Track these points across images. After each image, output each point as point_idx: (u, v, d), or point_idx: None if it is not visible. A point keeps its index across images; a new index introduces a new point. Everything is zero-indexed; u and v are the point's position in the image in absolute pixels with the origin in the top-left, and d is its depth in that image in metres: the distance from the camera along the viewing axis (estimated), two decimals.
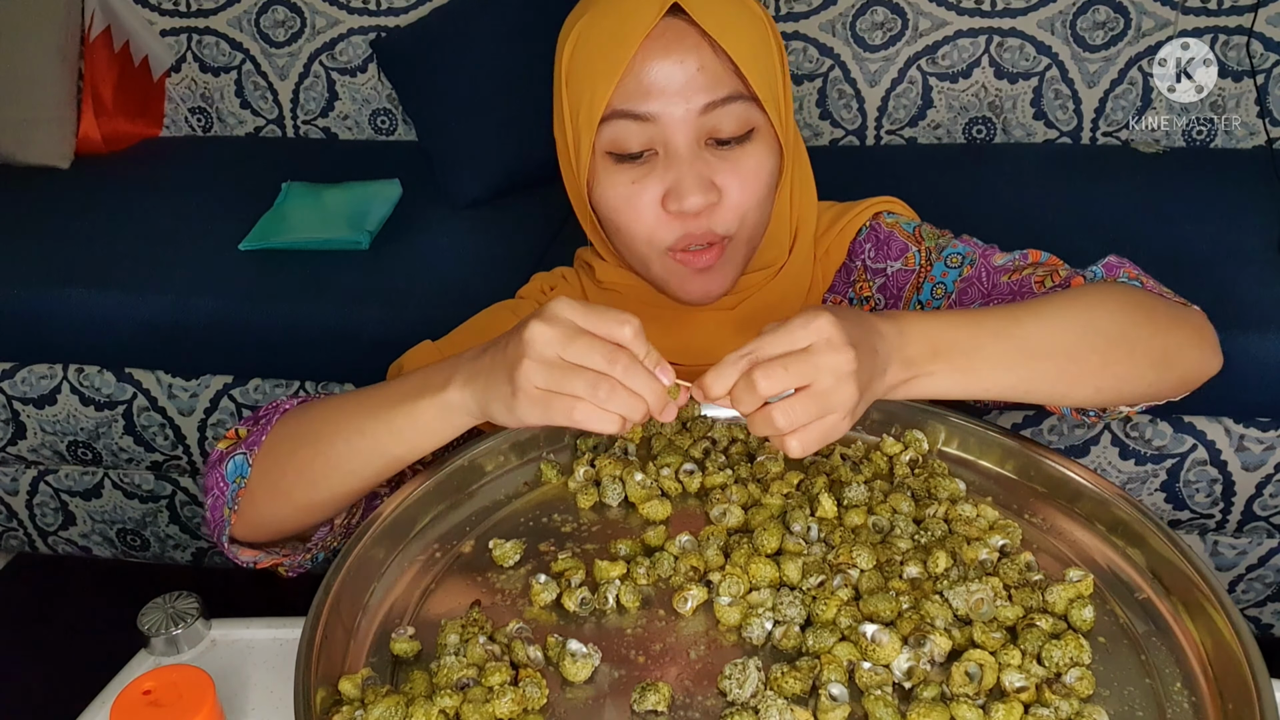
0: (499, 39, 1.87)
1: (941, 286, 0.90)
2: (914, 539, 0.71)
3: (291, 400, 0.80)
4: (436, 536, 0.74)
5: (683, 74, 0.79)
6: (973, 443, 0.80)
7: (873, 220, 0.96)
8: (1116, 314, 0.74)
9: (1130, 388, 0.76)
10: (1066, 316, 0.73)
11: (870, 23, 1.90)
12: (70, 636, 1.84)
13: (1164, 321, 0.77)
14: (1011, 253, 0.89)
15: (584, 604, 0.67)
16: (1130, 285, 0.79)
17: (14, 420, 1.79)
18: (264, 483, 0.75)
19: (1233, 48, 1.79)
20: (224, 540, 0.79)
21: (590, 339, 0.61)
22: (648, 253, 0.85)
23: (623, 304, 0.91)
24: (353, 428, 0.72)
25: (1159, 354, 0.76)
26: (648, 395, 0.61)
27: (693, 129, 0.80)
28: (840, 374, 0.60)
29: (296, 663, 0.60)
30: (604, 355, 0.61)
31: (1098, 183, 1.78)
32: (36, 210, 1.94)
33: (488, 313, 0.97)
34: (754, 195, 0.83)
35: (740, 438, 0.82)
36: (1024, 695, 0.59)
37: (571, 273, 0.99)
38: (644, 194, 0.82)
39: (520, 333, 0.62)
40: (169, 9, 2.13)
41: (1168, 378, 0.78)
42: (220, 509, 0.77)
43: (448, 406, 0.67)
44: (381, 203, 1.83)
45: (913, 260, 0.92)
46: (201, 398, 1.72)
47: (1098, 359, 0.73)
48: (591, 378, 0.60)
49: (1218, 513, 1.54)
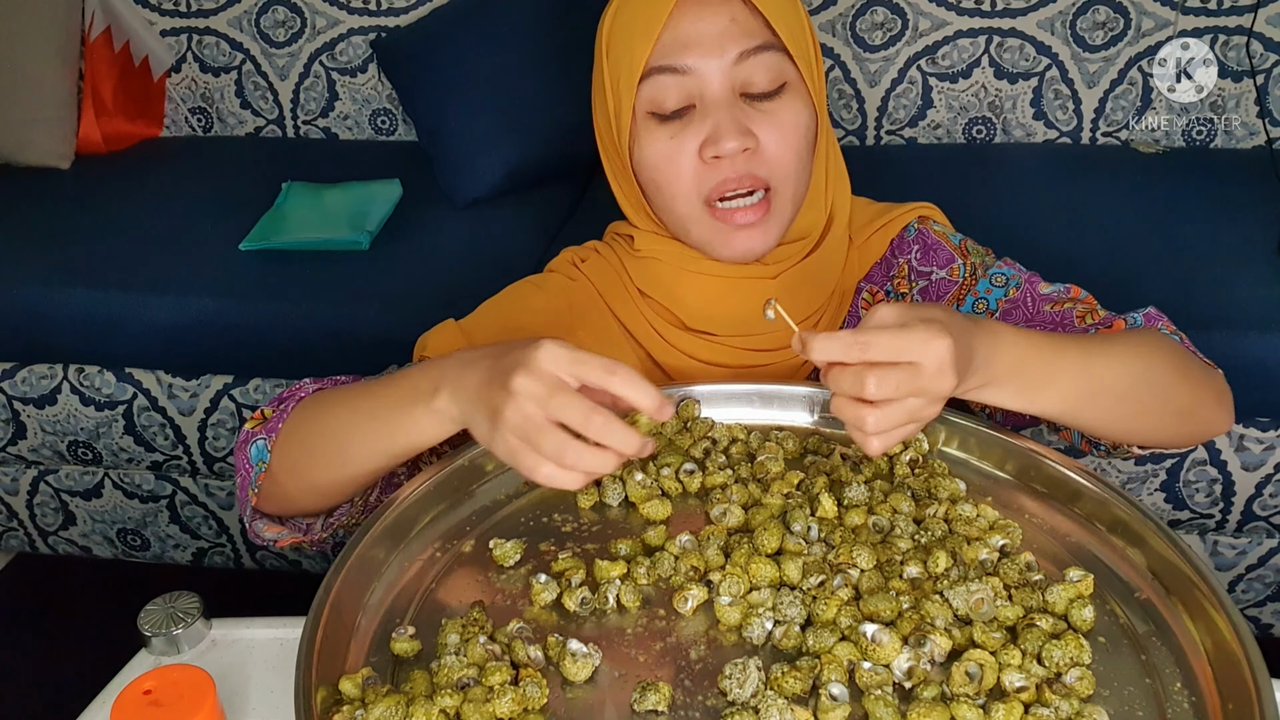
0: (499, 39, 1.87)
1: (984, 302, 0.92)
2: (914, 539, 0.71)
3: (313, 383, 0.83)
4: (437, 536, 0.74)
5: (716, 26, 0.83)
6: (973, 443, 0.80)
7: (920, 224, 0.97)
8: (1166, 367, 0.78)
9: (1153, 434, 0.81)
10: (1130, 363, 0.76)
11: (870, 23, 1.90)
12: (70, 636, 1.84)
13: (1197, 379, 0.82)
14: (1055, 284, 0.91)
15: (584, 604, 0.67)
16: (1172, 339, 0.83)
17: (14, 420, 1.79)
18: (282, 466, 0.78)
19: (1233, 48, 1.79)
20: (248, 519, 0.82)
21: (569, 396, 0.62)
22: (688, 212, 0.87)
23: (663, 272, 0.94)
24: (356, 424, 0.74)
25: (1187, 408, 0.81)
26: (623, 448, 0.63)
27: (728, 79, 0.84)
28: (937, 397, 0.64)
29: (297, 662, 0.60)
30: (580, 414, 0.62)
31: (1098, 183, 1.78)
32: (36, 210, 1.94)
33: (511, 290, 0.98)
34: (792, 147, 0.86)
35: (740, 438, 0.82)
36: (1024, 695, 0.59)
37: (605, 246, 1.00)
38: (683, 147, 0.85)
39: (506, 381, 0.63)
40: (169, 9, 2.13)
41: (1185, 431, 0.83)
42: (245, 489, 0.80)
43: (439, 413, 0.69)
44: (381, 203, 1.83)
45: (957, 272, 0.94)
46: (201, 398, 1.72)
47: (1139, 406, 0.77)
48: (561, 440, 0.62)
49: (1217, 513, 1.54)
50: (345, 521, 0.84)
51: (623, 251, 0.97)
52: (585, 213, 1.84)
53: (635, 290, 0.95)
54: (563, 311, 0.95)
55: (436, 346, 0.91)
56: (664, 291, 0.94)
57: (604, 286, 0.97)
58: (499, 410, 0.63)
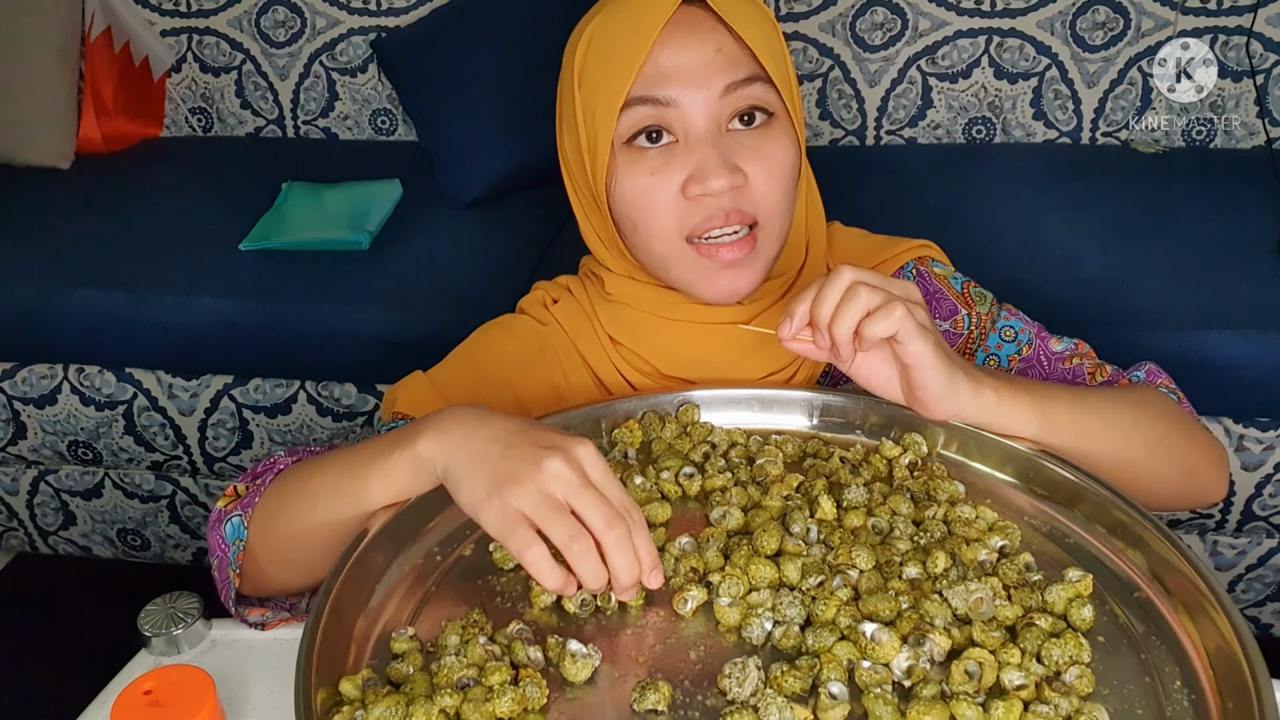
0: (499, 39, 1.87)
1: (995, 359, 0.90)
2: (913, 540, 0.71)
3: (288, 456, 0.79)
4: (437, 539, 0.74)
5: (701, 56, 0.79)
6: (972, 445, 0.80)
7: (919, 266, 0.94)
8: (1163, 420, 0.81)
9: (1157, 488, 0.81)
10: (1124, 406, 0.79)
11: (870, 23, 1.90)
12: (70, 636, 1.85)
13: (1198, 440, 0.83)
14: (1064, 340, 0.91)
15: (584, 605, 0.67)
16: (1169, 398, 0.85)
17: (14, 420, 1.79)
18: (260, 543, 0.74)
19: (1232, 48, 1.80)
20: (230, 602, 0.77)
21: (599, 497, 0.61)
22: (668, 251, 0.83)
23: (635, 318, 0.89)
24: (332, 484, 0.71)
25: (1188, 467, 0.82)
26: (621, 575, 0.61)
27: (713, 112, 0.79)
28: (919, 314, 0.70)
29: (297, 663, 0.60)
30: (604, 518, 0.60)
31: (1097, 183, 1.78)
32: (36, 210, 1.94)
33: (480, 335, 0.94)
34: (779, 183, 0.82)
35: (740, 441, 0.82)
36: (1024, 693, 0.59)
37: (577, 283, 0.95)
38: (664, 184, 0.80)
39: (537, 456, 0.61)
40: (169, 9, 2.13)
41: (1185, 492, 0.84)
42: (225, 570, 0.76)
43: (417, 458, 0.66)
44: (382, 203, 1.83)
45: (961, 324, 0.91)
46: (202, 398, 1.72)
47: (1143, 448, 0.79)
48: (575, 528, 0.60)
49: (1217, 513, 1.54)
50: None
51: (594, 293, 0.92)
52: None
53: (606, 337, 0.91)
54: (534, 356, 0.91)
55: (407, 400, 0.88)
56: (639, 339, 0.90)
57: (575, 332, 0.92)
58: (515, 479, 0.61)
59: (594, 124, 0.81)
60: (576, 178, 0.87)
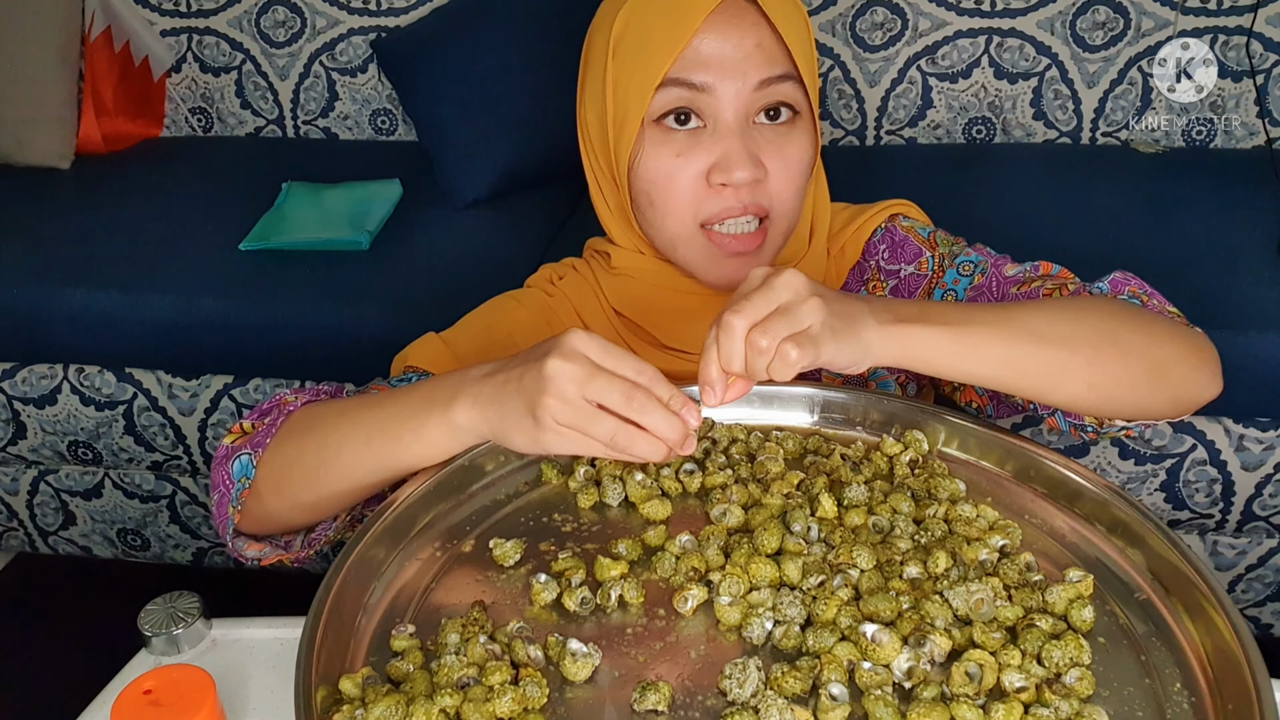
0: (499, 39, 1.87)
1: (952, 294, 0.90)
2: (914, 539, 0.71)
3: (297, 395, 0.80)
4: (437, 536, 0.74)
5: (741, 49, 0.81)
6: (973, 443, 0.80)
7: (888, 222, 0.96)
8: (1108, 317, 0.75)
9: (1124, 394, 0.75)
10: (1056, 311, 0.74)
11: (870, 23, 1.90)
12: (70, 636, 1.85)
13: (1161, 334, 0.77)
14: (1023, 264, 0.88)
15: (584, 603, 0.67)
16: (1131, 303, 0.80)
17: (14, 420, 1.79)
18: (269, 483, 0.76)
19: (1232, 48, 1.80)
20: (229, 537, 0.79)
21: (608, 376, 0.62)
22: (680, 231, 0.85)
23: (639, 290, 0.92)
24: (360, 438, 0.72)
25: (1154, 364, 0.76)
26: (666, 433, 0.62)
27: (745, 104, 0.82)
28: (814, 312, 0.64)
29: (297, 662, 0.60)
30: (621, 393, 0.62)
31: (1097, 183, 1.78)
32: (36, 210, 1.94)
33: (493, 303, 0.97)
34: (795, 180, 0.85)
35: (740, 438, 0.82)
36: (1024, 695, 0.59)
37: (582, 263, 0.98)
38: (688, 167, 0.83)
39: (540, 367, 0.62)
40: (169, 9, 2.13)
41: (1161, 392, 0.77)
42: (225, 506, 0.78)
43: (456, 427, 0.68)
44: (382, 203, 1.83)
45: (925, 265, 0.92)
46: (202, 398, 1.72)
47: (1089, 352, 0.73)
48: (612, 424, 0.62)
49: (1217, 513, 1.54)
50: (330, 538, 0.82)
51: (599, 269, 0.96)
52: (585, 213, 1.83)
53: (610, 309, 0.94)
54: (542, 327, 0.94)
55: (419, 359, 0.89)
56: (639, 310, 0.92)
57: (580, 304, 0.95)
58: (537, 400, 0.62)
59: (625, 98, 0.83)
60: (596, 147, 0.89)
